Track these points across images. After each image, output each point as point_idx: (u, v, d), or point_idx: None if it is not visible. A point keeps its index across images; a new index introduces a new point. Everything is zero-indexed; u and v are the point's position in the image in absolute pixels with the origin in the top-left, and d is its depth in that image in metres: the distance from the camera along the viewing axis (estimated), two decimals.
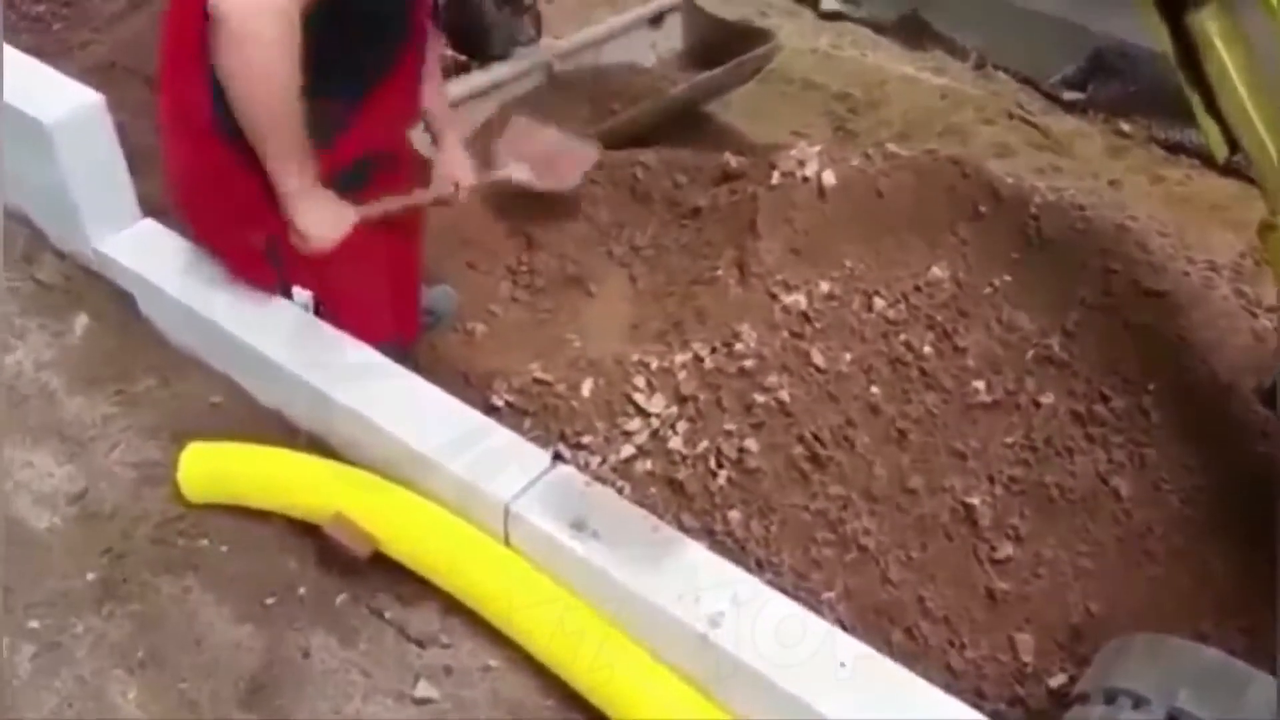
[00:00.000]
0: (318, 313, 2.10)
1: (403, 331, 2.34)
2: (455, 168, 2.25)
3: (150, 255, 2.21)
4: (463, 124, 2.31)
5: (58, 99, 2.16)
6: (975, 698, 2.07)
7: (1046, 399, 2.36)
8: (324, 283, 2.08)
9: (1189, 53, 1.96)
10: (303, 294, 2.09)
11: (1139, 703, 1.68)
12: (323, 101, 1.80)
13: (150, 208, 2.32)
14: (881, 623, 2.14)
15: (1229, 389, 2.35)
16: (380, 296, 2.19)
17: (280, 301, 2.10)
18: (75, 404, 2.07)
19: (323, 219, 1.90)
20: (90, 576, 1.79)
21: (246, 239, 2.01)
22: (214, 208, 2.01)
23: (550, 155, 2.81)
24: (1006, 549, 2.24)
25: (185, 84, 1.87)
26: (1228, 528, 2.25)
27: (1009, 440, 2.33)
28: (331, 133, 1.90)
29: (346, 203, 1.93)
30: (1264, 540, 2.22)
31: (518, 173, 2.68)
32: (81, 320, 2.22)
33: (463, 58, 3.54)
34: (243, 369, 2.08)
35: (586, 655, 1.61)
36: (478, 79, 3.46)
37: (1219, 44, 1.89)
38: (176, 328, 2.17)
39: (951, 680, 2.09)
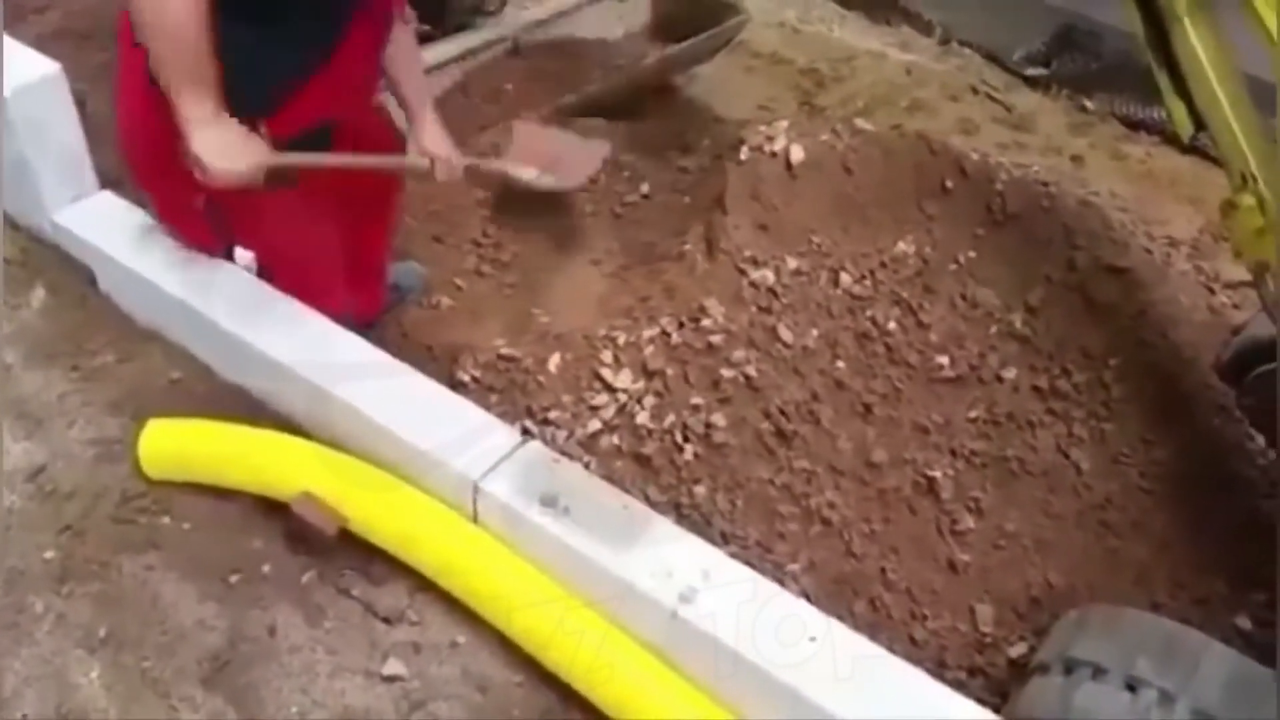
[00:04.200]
0: (261, 276, 2.08)
1: (363, 306, 2.32)
2: (430, 143, 2.18)
3: (109, 228, 2.17)
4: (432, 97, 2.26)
5: (14, 69, 2.11)
6: (937, 667, 2.10)
7: (1009, 374, 2.39)
8: (265, 246, 2.07)
9: (1158, 32, 1.97)
10: (245, 255, 2.07)
11: (1098, 672, 1.72)
12: (260, 70, 1.79)
13: (108, 179, 2.27)
14: (845, 594, 2.16)
15: (1188, 364, 2.39)
16: (328, 267, 2.16)
17: (241, 276, 2.08)
18: (32, 379, 2.03)
19: (222, 148, 1.79)
20: (49, 555, 1.77)
21: (186, 198, 1.97)
22: (159, 164, 1.97)
23: (557, 154, 2.68)
24: (967, 521, 2.27)
25: (133, 35, 1.84)
26: (1184, 500, 2.30)
27: (972, 414, 2.36)
28: (276, 101, 1.88)
29: (257, 138, 1.83)
30: (1217, 512, 2.27)
31: (516, 169, 2.56)
32: (38, 294, 2.18)
33: (425, 27, 3.49)
34: (204, 344, 2.05)
35: (585, 656, 1.61)
36: (441, 49, 3.41)
37: (1188, 24, 1.91)
38: (135, 302, 2.14)
39: (913, 650, 2.11)
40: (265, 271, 2.11)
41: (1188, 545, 2.25)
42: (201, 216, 2.00)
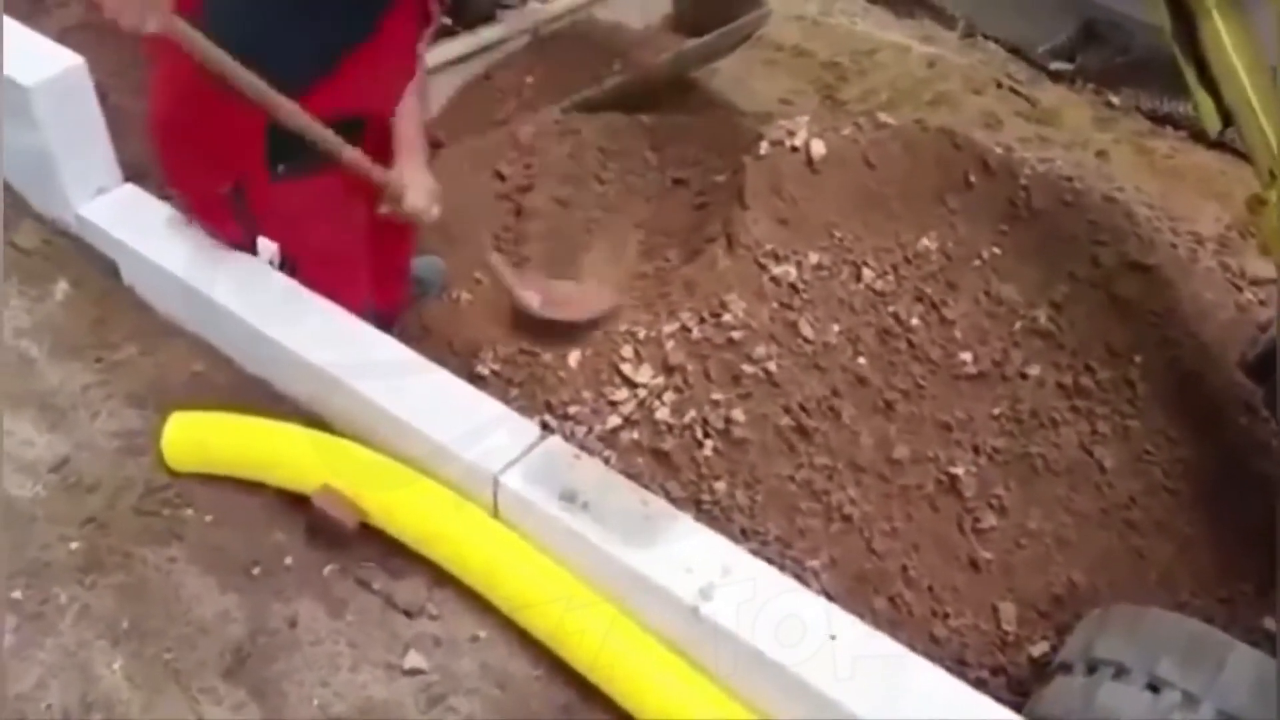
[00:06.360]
0: (283, 268, 2.09)
1: (387, 303, 2.32)
2: (409, 177, 2.10)
3: (132, 220, 2.18)
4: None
5: (38, 61, 2.12)
6: (958, 665, 2.10)
7: (1033, 371, 2.37)
8: (293, 238, 2.07)
9: (1185, 25, 1.95)
10: (269, 247, 2.07)
11: (1120, 672, 1.71)
12: (295, 47, 1.82)
13: (132, 172, 2.28)
14: (865, 591, 2.15)
15: (1213, 361, 2.37)
16: (354, 261, 2.16)
17: (263, 268, 2.08)
18: (55, 372, 2.04)
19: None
20: (73, 546, 1.78)
21: (214, 184, 1.99)
22: (186, 149, 1.99)
23: (566, 296, 2.56)
24: (990, 519, 2.26)
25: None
26: (1208, 499, 2.28)
27: (995, 411, 2.34)
28: (309, 79, 1.89)
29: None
30: (1243, 511, 2.25)
31: (523, 293, 2.48)
32: (62, 286, 2.19)
33: (446, 21, 3.49)
34: (226, 337, 2.06)
35: (591, 648, 1.61)
36: (462, 42, 3.42)
37: (1217, 17, 1.89)
38: (158, 294, 2.14)
39: (934, 649, 2.11)
40: (288, 263, 2.11)
41: (1212, 545, 2.23)
42: (227, 205, 2.00)
